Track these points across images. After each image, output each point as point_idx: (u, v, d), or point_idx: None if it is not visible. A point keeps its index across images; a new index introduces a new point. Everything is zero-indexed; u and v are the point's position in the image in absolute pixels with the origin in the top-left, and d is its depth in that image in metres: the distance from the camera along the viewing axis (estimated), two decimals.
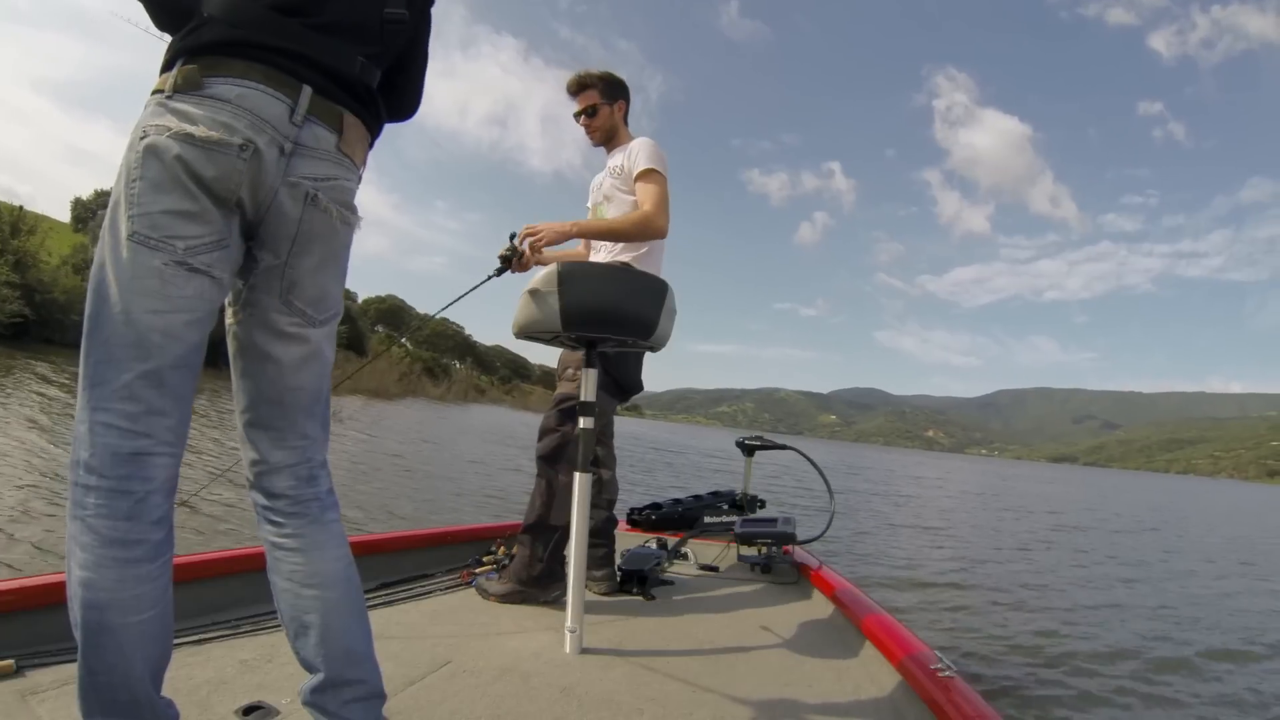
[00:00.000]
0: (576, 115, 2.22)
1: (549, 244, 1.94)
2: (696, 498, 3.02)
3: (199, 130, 0.84)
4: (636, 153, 2.08)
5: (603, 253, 2.12)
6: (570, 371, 2.06)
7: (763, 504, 3.04)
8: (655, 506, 2.95)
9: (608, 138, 2.21)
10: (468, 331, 72.85)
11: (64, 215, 35.12)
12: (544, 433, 2.02)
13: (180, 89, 0.86)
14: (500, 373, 73.01)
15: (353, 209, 1.01)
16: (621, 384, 2.07)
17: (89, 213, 32.00)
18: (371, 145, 1.07)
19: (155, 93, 0.88)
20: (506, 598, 1.94)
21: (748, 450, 3.05)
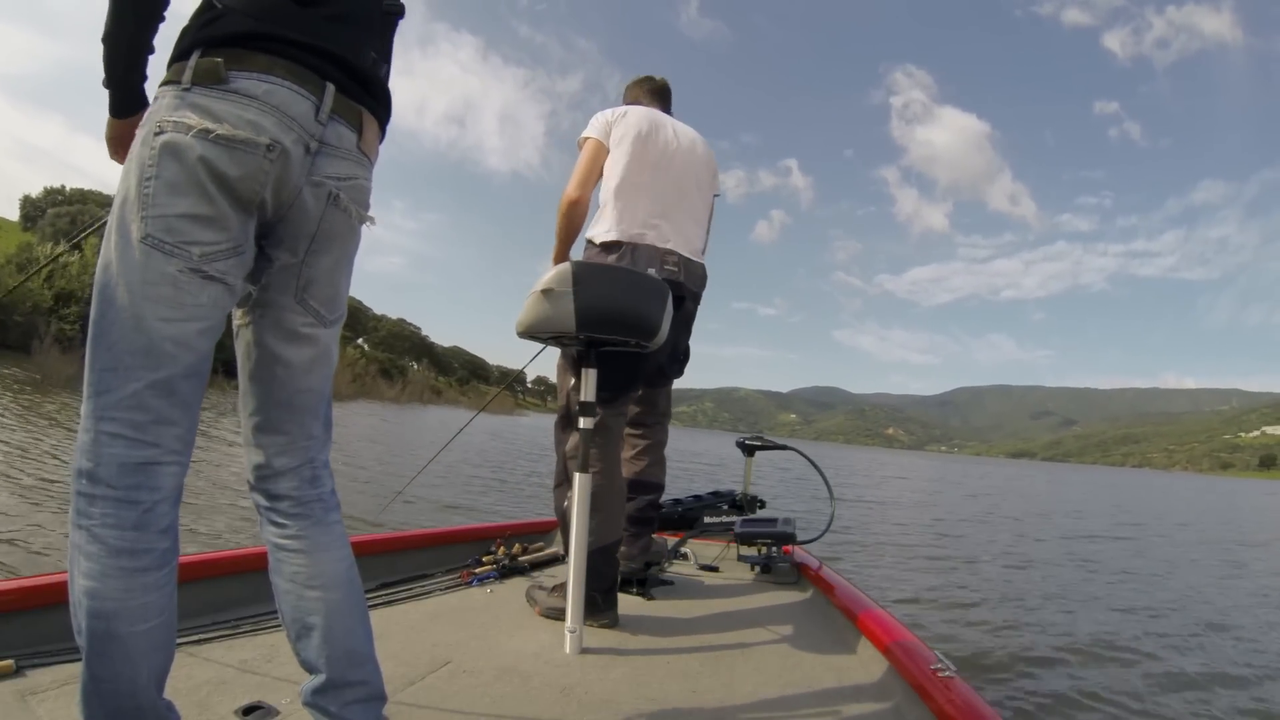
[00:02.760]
0: None
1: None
2: (696, 498, 3.02)
3: (224, 128, 0.81)
4: (593, 121, 2.06)
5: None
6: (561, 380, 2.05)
7: (763, 504, 3.04)
8: (655, 507, 2.95)
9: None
10: (425, 332, 72.86)
11: (13, 214, 33.97)
12: (557, 456, 2.02)
13: (200, 81, 0.82)
14: (458, 374, 72.78)
15: (368, 208, 1.00)
16: (602, 390, 1.93)
17: (39, 211, 31.05)
18: (380, 142, 1.06)
19: (168, 84, 0.84)
20: (551, 613, 1.83)
21: (748, 450, 3.04)
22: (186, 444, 0.86)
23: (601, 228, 1.97)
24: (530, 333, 1.65)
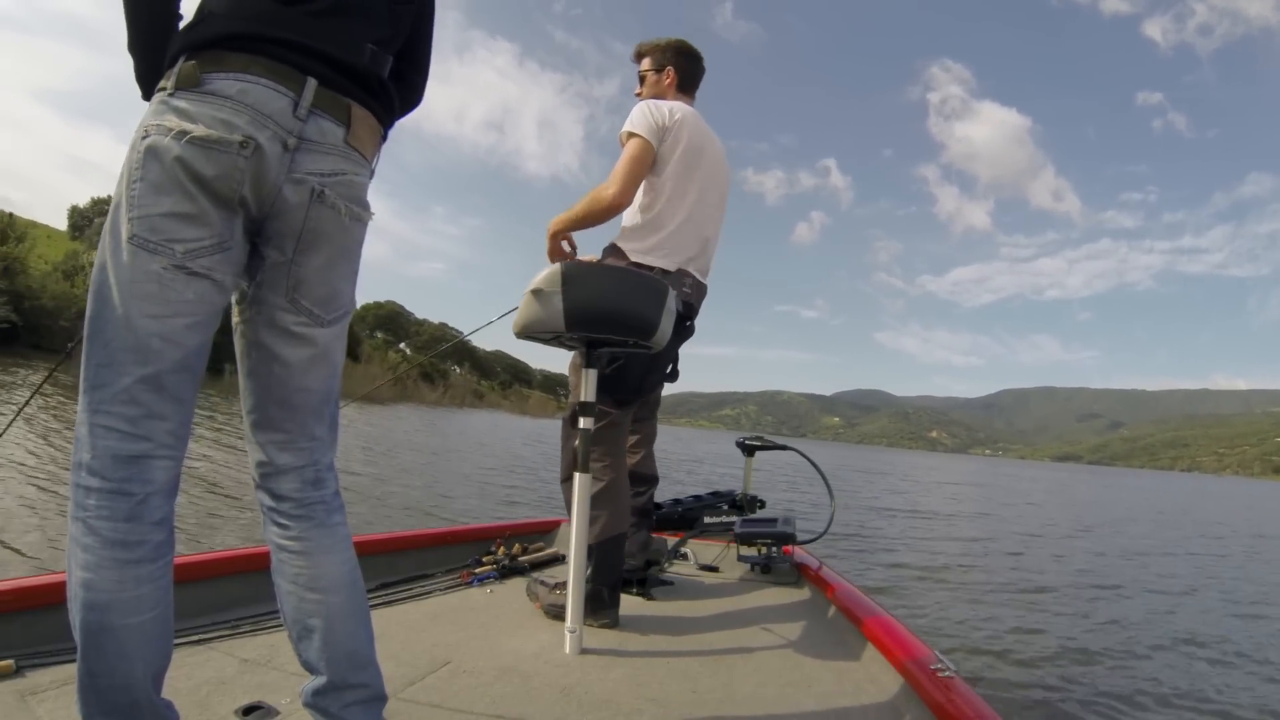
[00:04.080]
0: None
1: (553, 257, 1.93)
2: (696, 498, 3.02)
3: (198, 129, 0.83)
4: (639, 110, 1.93)
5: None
6: (573, 380, 2.02)
7: (763, 504, 3.04)
8: (655, 506, 2.95)
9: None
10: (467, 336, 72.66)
11: (62, 223, 35.09)
12: (563, 453, 2.01)
13: (181, 86, 0.85)
14: (500, 377, 72.87)
15: (363, 204, 0.98)
16: (620, 393, 1.95)
17: (85, 220, 32.21)
18: (385, 137, 1.04)
19: (159, 90, 0.87)
20: (552, 610, 1.82)
21: (748, 450, 3.04)
22: (179, 439, 0.87)
23: (640, 244, 1.91)
24: (527, 333, 1.65)
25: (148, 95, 0.93)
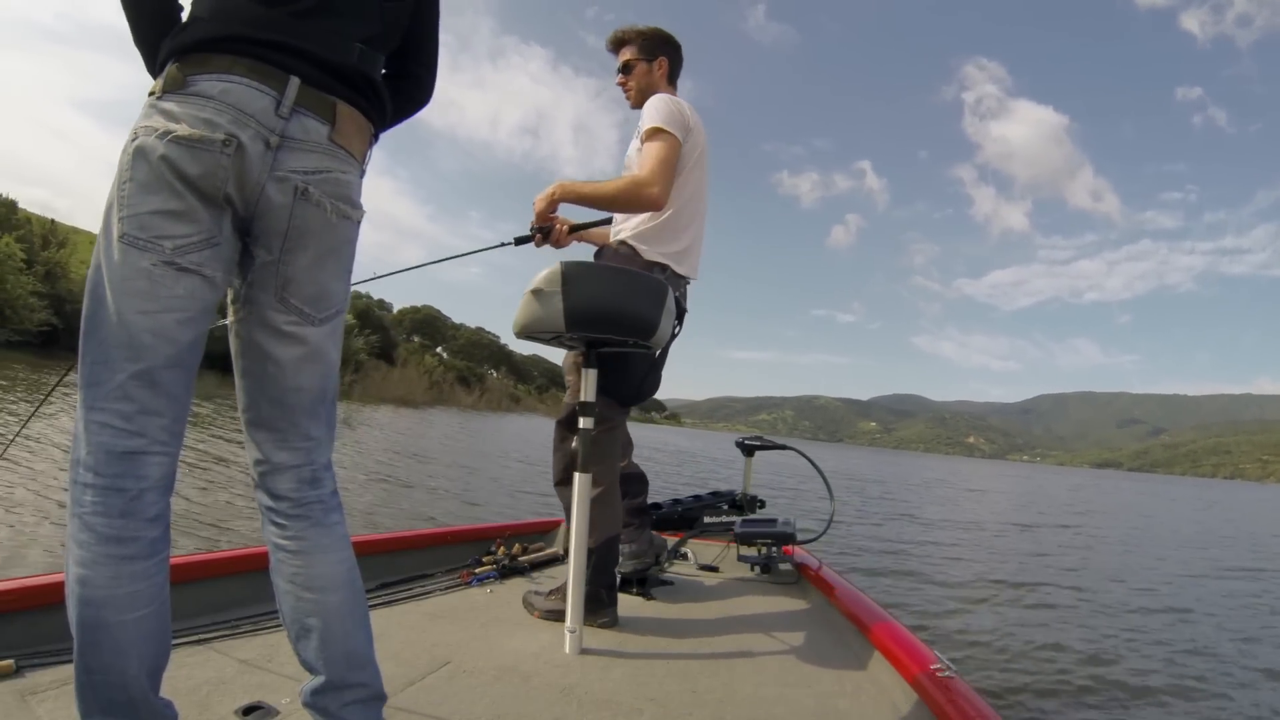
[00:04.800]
0: (618, 78, 2.08)
1: (540, 217, 1.87)
2: (696, 498, 3.02)
3: (181, 129, 0.84)
4: (646, 109, 1.87)
5: (617, 229, 1.97)
6: (571, 379, 2.01)
7: (762, 504, 3.04)
8: (655, 506, 2.95)
9: (645, 98, 1.96)
10: (503, 341, 72.58)
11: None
12: (556, 456, 1.98)
13: (167, 89, 0.87)
14: (537, 382, 73.00)
15: (351, 202, 0.98)
16: (623, 394, 1.94)
17: None
18: (377, 137, 1.04)
19: (149, 95, 0.89)
20: (550, 615, 1.82)
21: (747, 450, 3.04)
22: (174, 435, 0.87)
23: (663, 247, 1.88)
24: (526, 333, 1.65)
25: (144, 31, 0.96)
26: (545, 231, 1.92)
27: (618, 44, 2.07)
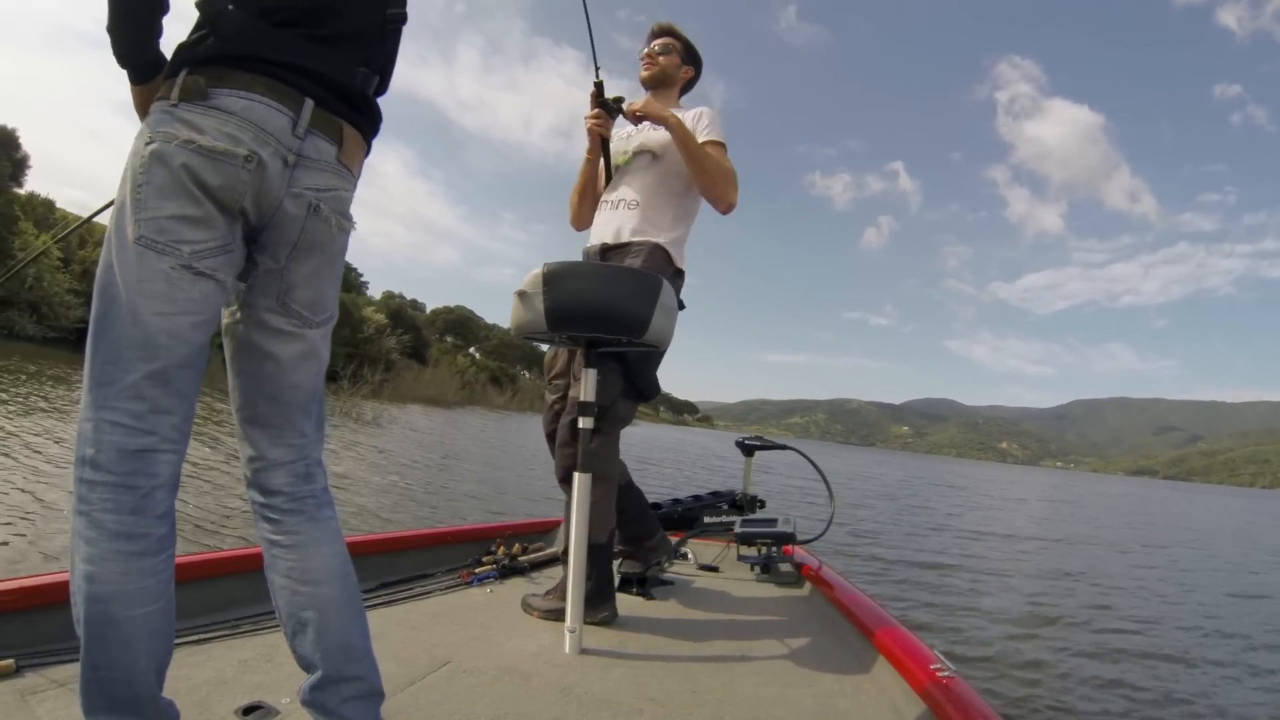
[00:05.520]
0: (646, 50, 2.13)
1: (651, 118, 1.94)
2: (696, 498, 3.03)
3: (205, 140, 0.86)
4: (704, 118, 1.96)
5: (624, 220, 1.97)
6: (559, 382, 2.00)
7: (763, 504, 3.04)
8: (655, 506, 2.96)
9: (660, 83, 2.10)
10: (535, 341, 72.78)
11: None
12: (559, 452, 1.92)
13: (185, 98, 0.88)
14: None
15: (349, 217, 1.03)
16: (641, 388, 1.95)
17: None
18: (367, 153, 1.08)
19: (159, 99, 0.90)
20: (550, 615, 1.82)
21: (747, 450, 3.05)
22: (183, 434, 0.89)
23: (682, 252, 1.98)
24: (522, 333, 1.68)
25: (137, 75, 0.96)
26: (607, 107, 1.99)
27: (666, 32, 2.14)
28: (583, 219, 2.17)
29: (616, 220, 1.99)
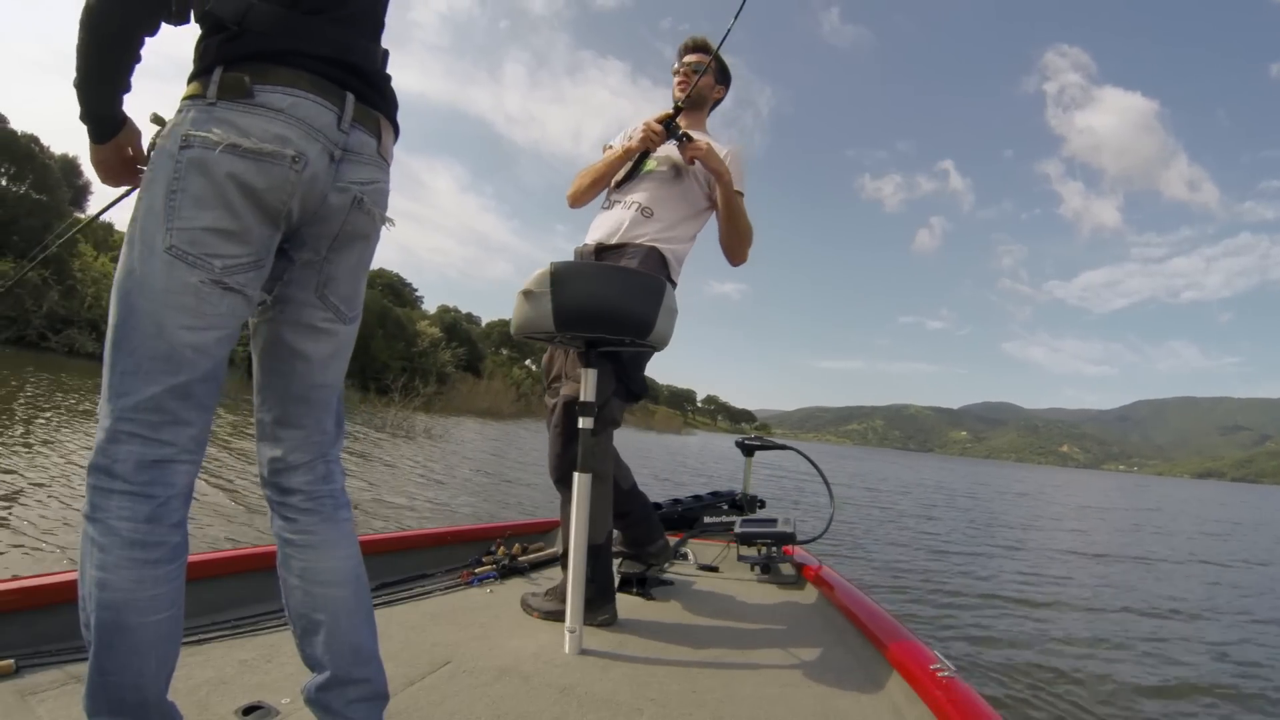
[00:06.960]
0: (681, 69, 2.14)
1: (708, 168, 1.96)
2: (696, 498, 3.02)
3: (251, 141, 0.84)
4: (734, 163, 2.00)
5: (629, 221, 1.98)
6: (558, 385, 1.97)
7: (763, 504, 3.04)
8: (655, 506, 2.95)
9: (695, 104, 2.12)
10: None
11: None
12: (553, 455, 1.91)
13: (226, 96, 0.84)
14: None
15: (386, 208, 1.03)
16: (631, 388, 1.96)
17: None
18: (396, 137, 1.07)
19: (191, 98, 0.86)
20: (550, 616, 1.82)
21: (747, 450, 3.05)
22: (200, 444, 0.88)
23: (678, 268, 2.01)
24: (523, 333, 1.66)
25: (102, 133, 0.93)
26: (671, 133, 2.00)
27: (701, 48, 2.15)
28: (581, 200, 2.18)
29: (622, 219, 1.99)
